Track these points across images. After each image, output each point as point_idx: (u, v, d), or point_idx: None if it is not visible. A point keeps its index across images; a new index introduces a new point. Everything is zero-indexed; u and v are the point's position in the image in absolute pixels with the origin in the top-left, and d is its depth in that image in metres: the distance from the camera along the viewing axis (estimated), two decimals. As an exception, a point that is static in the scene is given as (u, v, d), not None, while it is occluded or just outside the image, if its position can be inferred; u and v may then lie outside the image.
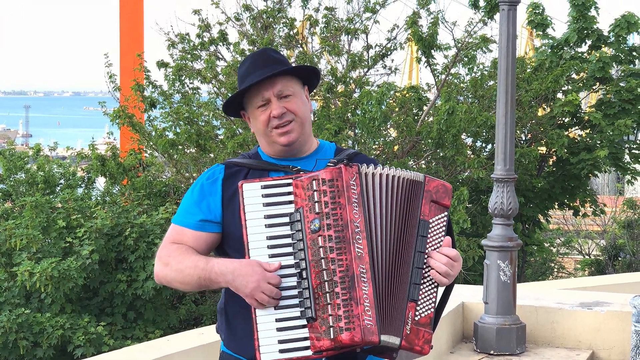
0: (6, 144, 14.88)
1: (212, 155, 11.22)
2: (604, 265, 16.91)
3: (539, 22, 13.43)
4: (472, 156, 12.07)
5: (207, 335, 5.49)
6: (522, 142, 12.99)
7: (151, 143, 11.77)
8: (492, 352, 6.04)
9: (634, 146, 13.69)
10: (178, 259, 2.67)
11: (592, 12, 13.17)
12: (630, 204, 18.43)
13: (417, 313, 2.57)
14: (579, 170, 12.65)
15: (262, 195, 2.57)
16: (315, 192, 2.53)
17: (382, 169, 2.62)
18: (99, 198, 12.05)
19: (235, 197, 2.63)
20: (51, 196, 10.88)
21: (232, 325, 2.73)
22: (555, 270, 17.87)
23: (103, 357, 5.14)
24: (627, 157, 13.64)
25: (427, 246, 2.62)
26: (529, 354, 6.10)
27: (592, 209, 14.00)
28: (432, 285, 2.62)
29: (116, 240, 9.07)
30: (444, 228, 2.67)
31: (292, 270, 2.53)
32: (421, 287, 2.59)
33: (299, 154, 2.78)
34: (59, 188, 12.33)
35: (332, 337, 2.45)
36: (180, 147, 11.41)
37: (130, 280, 9.02)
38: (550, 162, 13.41)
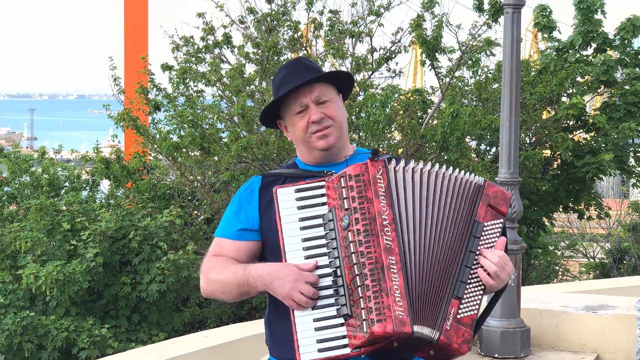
0: (11, 147, 14.91)
1: (216, 158, 11.22)
2: (609, 268, 16.88)
3: (546, 25, 13.41)
4: (476, 159, 12.06)
5: (212, 338, 5.49)
6: (526, 145, 12.97)
7: (155, 146, 11.78)
8: (496, 355, 6.03)
9: (639, 149, 13.67)
10: (218, 269, 2.73)
11: (599, 16, 13.15)
12: (635, 206, 18.40)
13: (459, 311, 2.58)
14: (584, 173, 12.63)
15: (295, 199, 2.62)
16: (343, 189, 2.57)
17: (410, 164, 2.64)
18: (103, 201, 12.06)
19: (272, 205, 2.67)
20: (56, 199, 10.89)
21: (274, 332, 2.76)
22: (560, 273, 17.84)
23: (107, 360, 5.15)
24: (632, 161, 13.61)
25: (479, 247, 2.64)
26: (533, 358, 6.09)
27: (596, 212, 13.98)
28: (480, 287, 2.63)
29: (120, 243, 9.08)
30: (498, 233, 2.69)
31: (328, 270, 2.56)
32: (467, 286, 2.60)
33: (336, 160, 2.82)
34: (63, 191, 12.34)
35: (365, 330, 2.46)
36: (184, 150, 11.41)
37: (134, 283, 9.02)
38: (555, 165, 13.39)
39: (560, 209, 13.71)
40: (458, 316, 2.57)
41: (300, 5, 12.50)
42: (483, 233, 2.66)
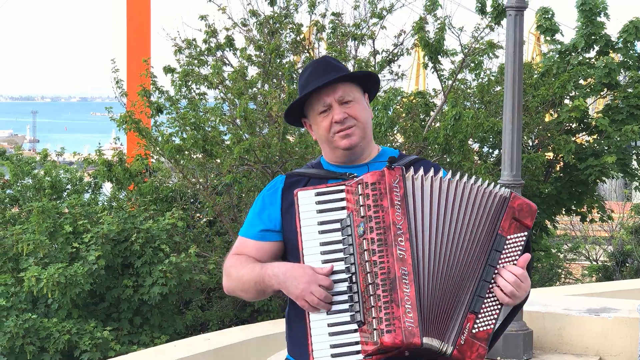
0: (13, 150, 14.91)
1: (218, 160, 11.22)
2: (612, 271, 16.86)
3: (548, 27, 13.40)
4: (479, 162, 12.05)
5: (214, 341, 5.49)
6: (529, 147, 12.96)
7: (158, 148, 11.77)
8: (499, 358, 6.02)
9: (642, 152, 13.65)
10: (238, 267, 2.75)
11: (602, 18, 13.13)
12: (637, 209, 18.38)
13: (475, 326, 2.57)
14: (587, 176, 12.61)
15: (315, 202, 2.62)
16: (360, 196, 2.57)
17: (429, 174, 2.62)
18: (105, 203, 12.06)
19: (293, 206, 2.68)
20: (58, 201, 10.90)
21: (293, 331, 2.77)
22: (563, 276, 17.82)
23: (109, 363, 5.14)
24: (634, 164, 13.59)
25: (500, 261, 2.62)
26: (536, 360, 6.08)
27: (599, 215, 13.96)
28: (497, 302, 2.61)
29: (122, 245, 9.08)
30: (521, 247, 2.66)
31: (344, 275, 2.56)
32: (485, 300, 2.59)
33: (360, 160, 2.82)
34: (65, 193, 12.34)
35: (375, 340, 2.46)
36: (186, 152, 11.40)
37: (136, 285, 9.02)
38: (558, 168, 13.38)
39: (563, 212, 13.69)
40: (474, 330, 2.56)
41: (302, 8, 12.51)
42: (505, 247, 2.63)
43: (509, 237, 2.64)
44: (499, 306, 2.62)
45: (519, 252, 2.65)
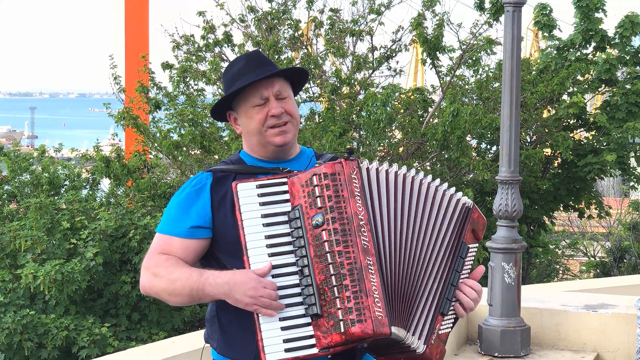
0: (11, 145, 14.91)
1: (216, 156, 11.23)
2: (609, 267, 16.87)
3: (546, 24, 13.39)
4: (477, 158, 12.05)
5: (211, 337, 5.49)
6: (527, 144, 12.97)
7: (156, 144, 11.78)
8: (496, 354, 6.03)
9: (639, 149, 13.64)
10: (169, 269, 2.62)
11: (599, 14, 13.12)
12: (635, 205, 18.40)
13: (441, 327, 2.63)
14: (586, 173, 12.62)
15: (257, 195, 2.55)
16: (316, 187, 2.53)
17: (383, 166, 2.64)
18: (103, 199, 12.06)
19: (226, 200, 2.63)
20: (56, 197, 10.89)
21: (227, 331, 2.67)
22: (560, 272, 17.84)
23: (108, 359, 5.14)
24: (632, 161, 13.58)
25: (464, 268, 2.70)
26: (533, 356, 6.08)
27: (597, 211, 13.97)
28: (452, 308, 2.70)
29: (120, 241, 9.08)
30: (473, 258, 2.75)
31: (294, 269, 2.52)
32: (449, 305, 2.65)
33: (286, 157, 2.77)
34: (63, 189, 12.33)
35: (342, 330, 2.43)
36: (184, 148, 11.41)
37: (134, 281, 9.02)
38: (556, 164, 13.38)
39: (561, 208, 13.71)
40: (440, 332, 2.62)
41: (300, 4, 12.51)
42: (468, 255, 2.71)
43: (470, 246, 2.72)
44: (453, 310, 2.70)
45: (471, 263, 2.74)
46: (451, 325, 2.68)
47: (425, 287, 2.61)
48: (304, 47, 12.53)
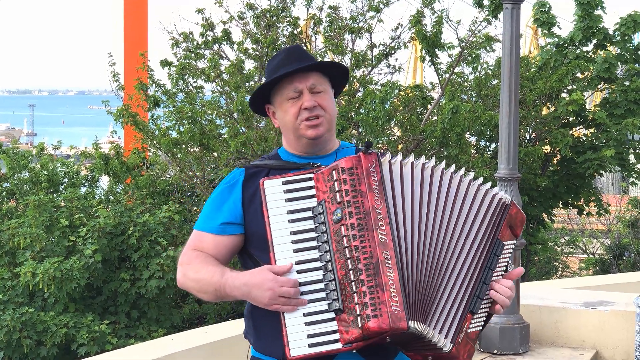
0: (10, 143, 14.90)
1: (215, 154, 11.22)
2: (609, 264, 16.89)
3: (545, 21, 13.38)
4: (476, 155, 12.05)
5: (211, 334, 5.49)
6: (526, 141, 12.96)
7: (155, 142, 11.77)
8: (495, 351, 6.03)
9: (639, 145, 13.64)
10: (196, 267, 2.68)
11: (599, 12, 13.11)
12: (634, 203, 18.41)
13: (470, 326, 2.58)
14: (585, 169, 12.61)
15: (283, 191, 2.57)
16: (335, 182, 2.53)
17: (415, 159, 2.61)
18: (102, 197, 12.06)
19: (257, 196, 2.64)
20: (55, 195, 10.89)
21: (259, 327, 2.71)
22: (560, 269, 17.85)
23: (107, 356, 5.14)
24: (631, 157, 13.59)
25: (498, 267, 2.65)
26: (532, 354, 6.08)
27: (596, 208, 13.96)
28: (488, 304, 2.64)
29: (119, 239, 9.08)
30: (510, 256, 2.70)
31: (318, 264, 2.52)
32: (480, 303, 2.61)
33: (322, 152, 2.78)
34: (62, 187, 12.33)
35: (360, 325, 2.42)
36: (183, 146, 11.40)
37: (133, 279, 9.02)
38: (555, 161, 13.38)
39: (560, 205, 13.70)
40: (469, 330, 2.58)
41: (299, 1, 12.52)
42: (503, 253, 2.66)
43: (505, 243, 2.67)
44: (487, 309, 2.65)
45: (507, 260, 2.69)
46: (482, 323, 2.63)
47: (452, 284, 2.57)
48: (303, 45, 12.52)
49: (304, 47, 2.88)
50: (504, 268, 2.69)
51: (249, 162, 2.84)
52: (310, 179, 2.57)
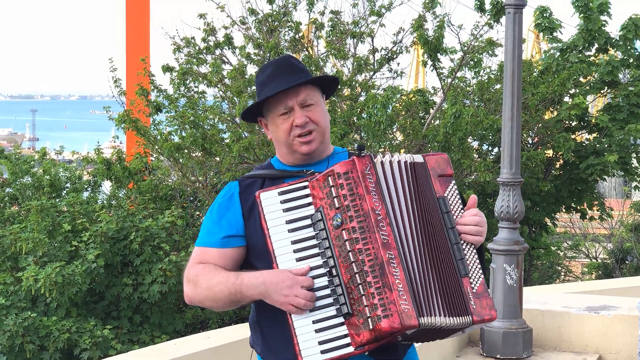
0: (13, 148, 14.92)
1: (217, 159, 11.22)
2: (611, 268, 16.87)
3: (547, 26, 13.38)
4: (478, 159, 12.05)
5: (214, 339, 5.49)
6: (528, 145, 12.96)
7: (157, 147, 11.78)
8: (498, 356, 6.02)
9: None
10: (207, 276, 2.67)
11: (604, 17, 13.08)
12: (637, 207, 18.39)
13: (472, 286, 2.60)
14: (588, 174, 12.60)
15: (280, 202, 2.58)
16: (332, 188, 2.55)
17: (392, 157, 2.64)
18: (104, 202, 12.06)
19: (255, 208, 2.65)
20: (57, 200, 10.89)
21: (267, 336, 2.71)
22: (562, 273, 17.82)
23: (109, 361, 5.14)
24: (634, 162, 13.57)
25: (454, 219, 2.66)
26: (535, 358, 6.08)
27: (599, 213, 13.95)
28: (473, 254, 2.65)
29: (122, 244, 9.07)
30: (457, 196, 2.71)
31: (322, 270, 2.54)
32: (465, 260, 2.62)
33: (315, 160, 2.78)
34: (64, 192, 12.33)
35: (371, 327, 2.45)
36: (185, 150, 11.41)
37: (136, 284, 9.01)
38: (557, 166, 13.37)
39: (563, 210, 13.69)
40: (474, 290, 2.59)
41: (301, 6, 12.50)
42: (450, 204, 2.66)
43: (445, 194, 2.67)
44: (476, 256, 2.66)
45: (458, 201, 2.69)
46: (480, 272, 2.64)
47: (445, 264, 2.59)
48: (304, 49, 12.53)
49: (293, 57, 2.86)
50: (459, 207, 2.69)
51: (251, 167, 2.85)
52: (305, 187, 2.59)
